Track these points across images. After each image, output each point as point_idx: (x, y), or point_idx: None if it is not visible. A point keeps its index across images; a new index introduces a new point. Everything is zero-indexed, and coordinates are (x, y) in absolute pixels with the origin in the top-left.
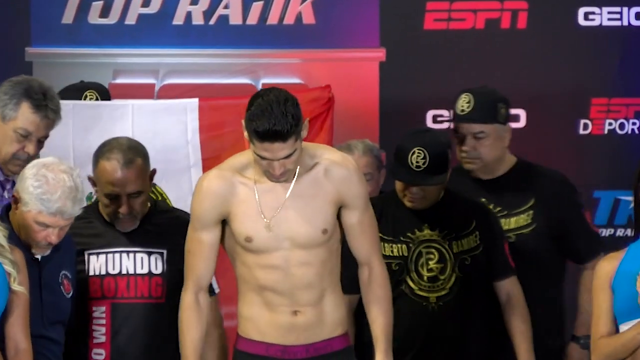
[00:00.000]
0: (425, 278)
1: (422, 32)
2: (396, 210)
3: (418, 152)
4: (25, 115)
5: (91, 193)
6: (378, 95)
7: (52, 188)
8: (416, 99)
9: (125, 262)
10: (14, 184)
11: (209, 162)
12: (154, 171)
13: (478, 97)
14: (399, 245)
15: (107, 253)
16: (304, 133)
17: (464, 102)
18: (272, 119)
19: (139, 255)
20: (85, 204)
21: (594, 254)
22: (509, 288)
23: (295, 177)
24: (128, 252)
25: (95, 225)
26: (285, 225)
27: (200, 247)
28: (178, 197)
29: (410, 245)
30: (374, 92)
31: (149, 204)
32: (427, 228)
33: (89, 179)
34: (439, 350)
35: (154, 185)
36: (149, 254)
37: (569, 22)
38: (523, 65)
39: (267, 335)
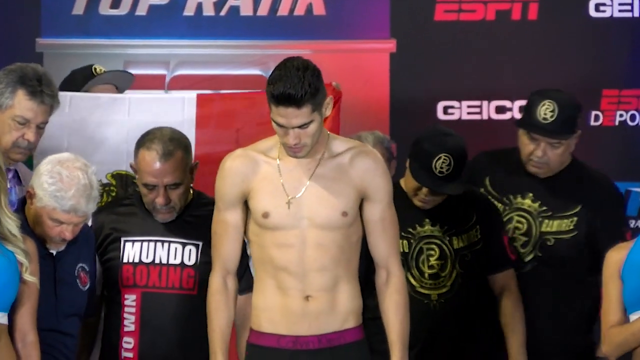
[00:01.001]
0: (426, 275)
1: (433, 23)
2: (398, 205)
3: (444, 159)
4: (21, 103)
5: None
6: (388, 86)
7: (66, 185)
8: (427, 91)
9: (159, 252)
10: (15, 172)
11: (203, 158)
12: (197, 164)
13: (562, 108)
14: (400, 241)
15: (142, 241)
16: (327, 112)
17: (547, 110)
18: (288, 83)
19: (173, 246)
20: (99, 200)
21: None
22: (504, 281)
23: (321, 160)
24: (163, 242)
25: (136, 212)
26: (306, 204)
27: (226, 227)
28: None
29: (411, 241)
30: (384, 84)
31: (190, 195)
32: (428, 223)
33: (131, 166)
34: (441, 347)
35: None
36: (184, 245)
37: (580, 14)
38: (534, 57)
39: (278, 325)
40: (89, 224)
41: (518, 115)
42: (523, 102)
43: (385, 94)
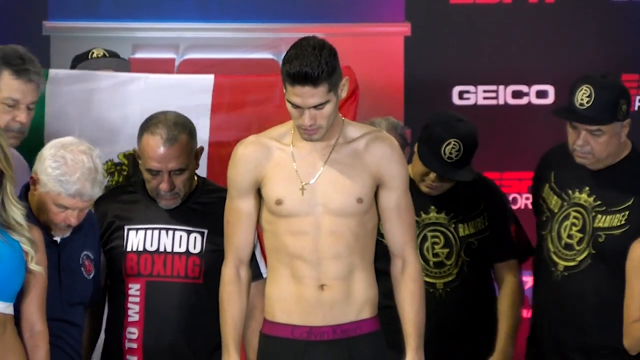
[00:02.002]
0: (431, 263)
1: (449, 5)
2: None
3: (454, 144)
4: (8, 84)
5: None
6: (403, 71)
7: (70, 169)
8: (442, 75)
9: (163, 240)
10: None
11: (216, 145)
12: (201, 149)
13: (599, 92)
14: None
15: (146, 229)
16: (342, 93)
17: (584, 95)
18: (304, 61)
19: (177, 233)
20: (105, 184)
21: None
22: (506, 271)
23: (335, 145)
24: (167, 230)
25: (139, 199)
26: (320, 190)
27: (239, 216)
28: None
29: (415, 228)
30: (399, 68)
31: (195, 182)
32: (433, 210)
33: (134, 152)
34: (448, 337)
35: None
36: (189, 232)
37: None
38: (551, 40)
39: (292, 315)
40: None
41: (535, 101)
42: (540, 87)
43: (399, 79)
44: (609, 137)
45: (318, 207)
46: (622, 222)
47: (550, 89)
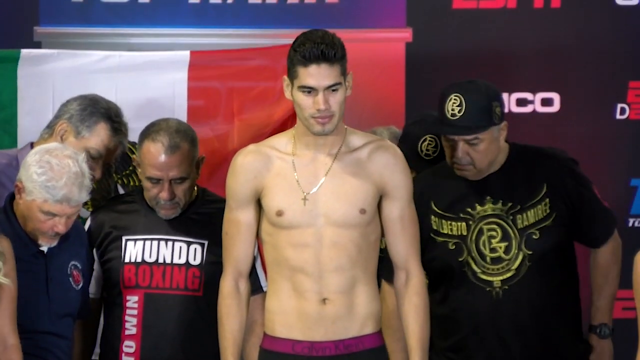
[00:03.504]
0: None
1: (451, 11)
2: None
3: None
4: (100, 137)
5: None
6: (404, 78)
7: (56, 174)
8: (444, 82)
9: (162, 251)
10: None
11: (194, 116)
12: (203, 158)
13: (469, 98)
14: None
15: (145, 240)
16: (348, 90)
17: (454, 105)
18: (318, 39)
19: (177, 245)
20: (91, 189)
21: (609, 234)
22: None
23: (337, 154)
24: (167, 241)
25: (138, 209)
26: (322, 200)
27: (238, 228)
28: None
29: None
30: (400, 75)
31: (195, 192)
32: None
33: (133, 159)
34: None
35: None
36: (189, 243)
37: (605, 1)
38: (557, 47)
39: (294, 330)
40: (88, 222)
41: (540, 109)
42: (545, 95)
43: (400, 86)
44: (487, 144)
45: (320, 218)
46: (548, 210)
47: (555, 96)
